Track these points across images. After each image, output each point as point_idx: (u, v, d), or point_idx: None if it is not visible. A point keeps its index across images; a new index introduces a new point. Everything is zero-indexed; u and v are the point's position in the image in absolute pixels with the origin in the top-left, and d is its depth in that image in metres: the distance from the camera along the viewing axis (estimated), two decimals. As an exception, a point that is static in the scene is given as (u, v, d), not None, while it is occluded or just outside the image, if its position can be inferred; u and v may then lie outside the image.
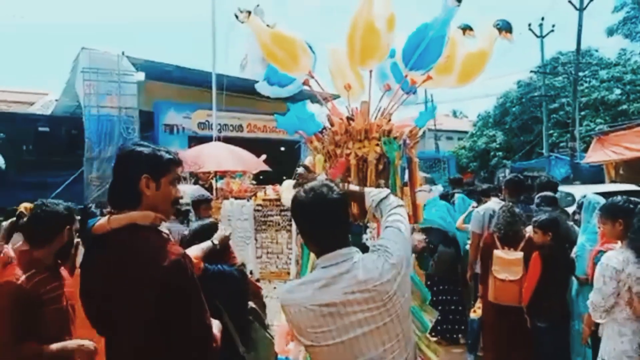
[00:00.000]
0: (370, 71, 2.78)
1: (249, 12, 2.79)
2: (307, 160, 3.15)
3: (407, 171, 2.89)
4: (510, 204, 5.22)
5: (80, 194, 13.15)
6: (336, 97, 3.58)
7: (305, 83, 2.91)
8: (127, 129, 13.98)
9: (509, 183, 6.12)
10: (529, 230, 4.82)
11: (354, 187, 2.29)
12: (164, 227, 2.07)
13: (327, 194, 1.89)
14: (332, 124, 2.84)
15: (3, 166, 11.06)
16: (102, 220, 1.98)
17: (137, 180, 1.93)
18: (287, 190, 3.26)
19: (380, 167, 2.69)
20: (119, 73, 13.97)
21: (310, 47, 2.86)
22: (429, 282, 6.14)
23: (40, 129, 14.61)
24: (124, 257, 1.88)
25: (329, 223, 1.89)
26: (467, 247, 6.19)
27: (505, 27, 2.76)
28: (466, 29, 2.80)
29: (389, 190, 2.19)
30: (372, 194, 2.17)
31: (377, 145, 2.68)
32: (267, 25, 2.85)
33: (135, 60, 14.41)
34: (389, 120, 2.80)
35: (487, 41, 2.77)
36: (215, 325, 2.08)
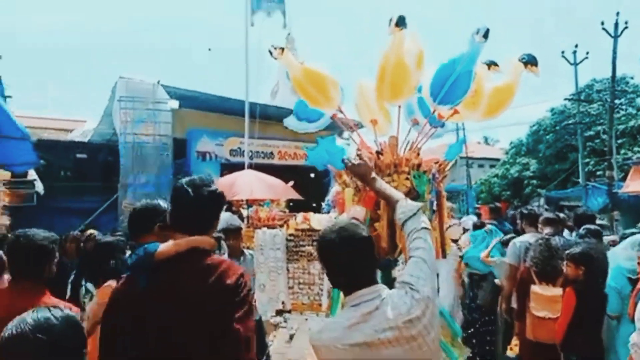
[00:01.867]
0: (399, 106, 2.78)
1: (282, 49, 2.84)
2: (334, 190, 3.15)
3: (435, 205, 2.84)
4: (547, 236, 5.07)
5: (115, 219, 13.40)
6: (361, 126, 3.58)
7: (333, 117, 2.92)
8: (160, 156, 14.25)
9: (544, 218, 5.97)
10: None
11: (390, 190, 2.28)
12: None
13: (354, 232, 1.92)
14: (361, 158, 2.84)
15: (42, 192, 11.36)
16: (166, 245, 2.13)
17: (217, 215, 2.25)
18: (319, 222, 3.26)
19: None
20: (154, 101, 14.32)
21: (338, 82, 2.88)
22: (475, 313, 6.04)
23: (78, 155, 15.03)
24: (198, 275, 2.05)
25: (356, 261, 1.91)
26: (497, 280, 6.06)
27: (530, 61, 2.74)
28: (491, 64, 2.80)
29: (419, 206, 2.17)
30: (402, 209, 2.17)
31: (407, 179, 2.66)
32: (281, 48, 2.91)
33: (169, 88, 14.76)
34: (418, 154, 2.79)
35: (513, 75, 2.75)
36: None
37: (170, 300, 2.02)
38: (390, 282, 2.82)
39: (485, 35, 2.48)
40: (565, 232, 6.44)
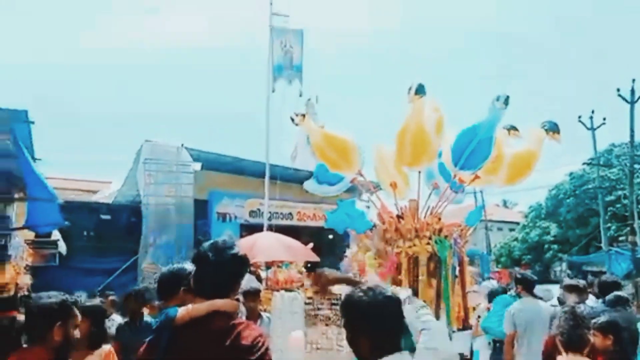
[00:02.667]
0: (419, 172, 2.86)
1: (303, 115, 2.98)
2: (349, 253, 3.18)
3: (457, 270, 2.86)
4: (573, 305, 4.99)
5: (134, 280, 13.43)
6: (380, 188, 3.65)
7: (353, 181, 3.01)
8: (181, 217, 14.43)
9: (568, 284, 5.89)
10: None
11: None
12: None
13: (383, 294, 1.91)
14: (382, 222, 2.89)
15: (64, 252, 11.51)
16: (184, 310, 2.18)
17: (240, 278, 2.26)
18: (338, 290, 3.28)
19: (432, 266, 2.69)
20: (177, 164, 14.67)
21: (358, 146, 2.97)
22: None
23: (102, 216, 15.28)
24: (216, 338, 2.08)
25: (383, 325, 1.89)
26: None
27: (552, 129, 2.82)
28: (511, 129, 2.87)
29: (409, 293, 2.20)
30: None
31: (428, 244, 2.70)
32: (302, 114, 3.03)
33: (193, 151, 15.15)
34: (439, 219, 2.83)
35: (535, 142, 2.81)
36: None
37: (197, 356, 2.07)
38: (410, 348, 2.81)
39: (506, 102, 2.57)
40: (591, 299, 6.32)
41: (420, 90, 2.70)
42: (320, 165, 3.06)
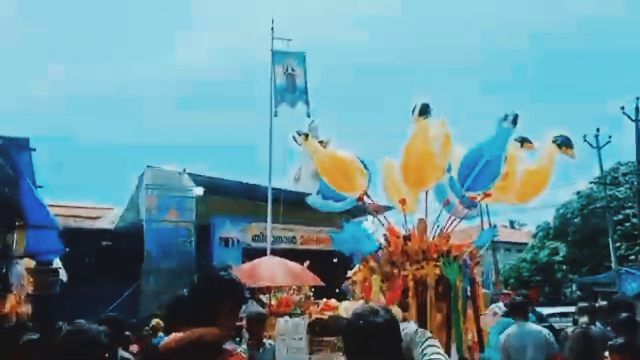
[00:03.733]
0: (427, 191, 2.76)
1: (306, 135, 2.89)
2: (353, 273, 3.08)
3: (468, 292, 2.72)
4: (584, 326, 4.84)
5: (137, 305, 13.29)
6: (389, 208, 3.54)
7: (360, 199, 2.91)
8: (184, 242, 14.34)
9: (580, 307, 5.75)
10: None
11: None
12: None
13: (372, 317, 1.83)
14: (388, 243, 2.78)
15: (65, 279, 11.39)
16: (169, 339, 2.16)
17: (220, 303, 2.16)
18: (345, 311, 3.17)
19: (440, 289, 2.57)
20: (179, 189, 14.64)
21: (365, 164, 2.88)
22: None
23: (104, 243, 15.21)
24: None
25: (372, 349, 1.79)
26: None
27: (565, 143, 2.70)
28: (524, 141, 2.75)
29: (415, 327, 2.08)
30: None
31: (436, 266, 2.58)
32: (321, 142, 2.94)
33: (194, 176, 15.15)
34: (448, 239, 2.71)
35: (547, 158, 2.70)
36: None
37: None
38: None
39: (514, 122, 2.48)
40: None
41: (424, 110, 2.59)
42: (324, 180, 2.97)
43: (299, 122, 13.80)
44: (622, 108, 19.73)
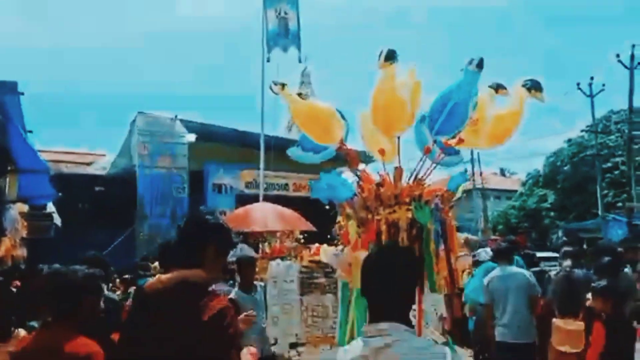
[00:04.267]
0: (398, 137, 2.77)
1: (283, 85, 2.89)
2: (338, 221, 3.14)
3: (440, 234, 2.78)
4: (567, 270, 5.00)
5: (132, 251, 13.47)
6: (369, 158, 3.57)
7: (339, 149, 2.92)
8: (177, 189, 14.40)
9: (565, 251, 5.92)
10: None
11: None
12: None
13: (394, 254, 1.88)
14: (362, 190, 2.84)
15: (59, 224, 11.48)
16: (155, 280, 2.19)
17: (206, 247, 2.18)
18: (325, 255, 3.25)
19: (414, 232, 2.64)
20: (172, 135, 14.57)
21: (342, 114, 2.87)
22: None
23: (97, 188, 15.23)
24: (178, 308, 2.05)
25: (384, 285, 1.80)
26: None
27: (534, 87, 2.70)
28: (498, 88, 2.75)
29: None
30: None
31: (409, 210, 2.64)
32: (300, 94, 2.94)
33: (187, 122, 15.03)
34: (420, 184, 2.76)
35: (517, 102, 2.71)
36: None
37: (153, 334, 2.04)
38: None
39: (479, 65, 2.47)
40: None
41: (390, 56, 2.56)
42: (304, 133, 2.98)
43: (292, 68, 13.63)
44: (618, 56, 19.58)
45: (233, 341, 2.09)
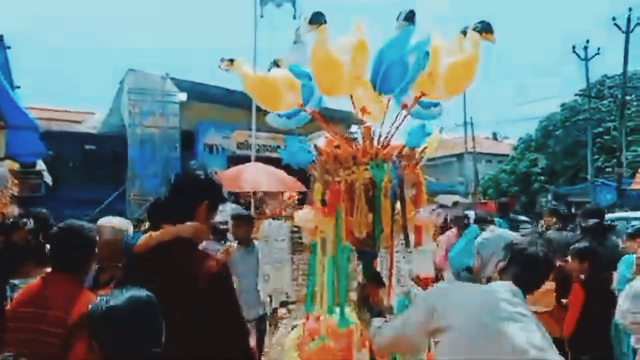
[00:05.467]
0: (351, 96, 2.74)
1: (231, 60, 2.83)
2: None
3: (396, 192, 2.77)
4: (540, 232, 5.07)
5: (123, 210, 13.47)
6: (345, 121, 3.53)
7: (313, 114, 2.90)
8: (168, 148, 14.31)
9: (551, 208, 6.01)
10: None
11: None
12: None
13: None
14: (320, 152, 2.84)
15: (50, 182, 11.43)
16: (145, 236, 2.18)
17: (197, 203, 2.18)
18: (298, 218, 3.27)
19: (371, 192, 2.65)
20: (162, 94, 14.37)
21: (306, 74, 2.80)
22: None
23: (87, 146, 15.10)
24: (169, 264, 2.07)
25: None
26: None
27: (484, 29, 2.65)
28: (466, 32, 2.70)
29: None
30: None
31: (366, 170, 2.64)
32: (276, 62, 2.91)
33: (178, 81, 14.81)
34: (387, 143, 2.74)
35: (471, 47, 2.67)
36: None
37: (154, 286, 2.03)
38: (372, 275, 2.80)
39: (408, 19, 2.41)
40: None
41: (315, 19, 2.50)
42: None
43: (286, 25, 13.37)
44: (614, 19, 19.37)
45: (230, 302, 2.09)
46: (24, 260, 2.69)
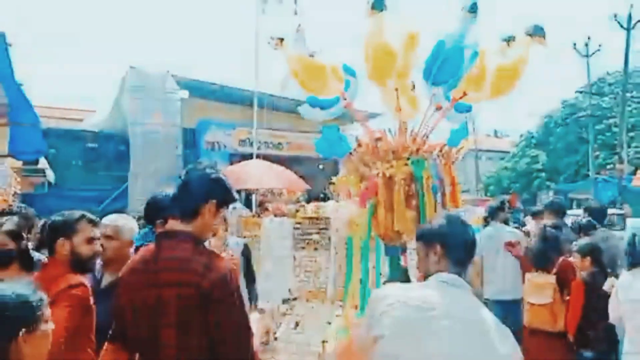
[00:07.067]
0: (397, 89, 2.73)
1: (281, 39, 2.83)
2: (336, 179, 3.14)
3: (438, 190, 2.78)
4: (548, 227, 5.08)
5: (125, 207, 13.48)
6: (375, 115, 3.52)
7: (347, 106, 2.89)
8: (170, 146, 14.30)
9: (552, 205, 6.03)
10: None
11: None
12: None
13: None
14: (359, 145, 2.83)
15: (53, 180, 11.44)
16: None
17: (207, 201, 2.14)
18: (325, 210, 3.26)
19: (411, 187, 2.65)
20: (164, 91, 14.36)
21: (350, 70, 2.81)
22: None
23: (89, 144, 15.11)
24: (171, 261, 2.06)
25: None
26: None
27: (537, 32, 2.64)
28: (510, 40, 2.71)
29: None
30: None
31: (406, 165, 2.63)
32: (311, 55, 2.90)
33: (179, 78, 14.80)
34: (414, 139, 2.74)
35: (521, 51, 2.67)
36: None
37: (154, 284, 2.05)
38: (399, 270, 2.81)
39: (472, 10, 2.41)
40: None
41: (378, 5, 2.50)
42: (312, 89, 2.94)
43: (288, 21, 13.34)
44: (615, 16, 19.31)
45: (240, 304, 2.06)
46: (6, 264, 2.68)
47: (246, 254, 4.84)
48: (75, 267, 2.66)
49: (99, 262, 3.03)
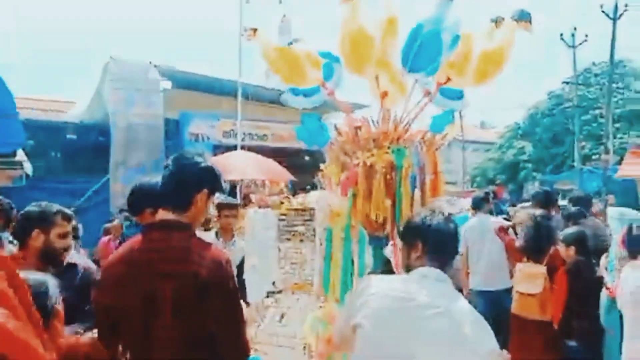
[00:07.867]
0: (377, 76, 2.64)
1: (254, 30, 2.76)
2: (324, 167, 3.07)
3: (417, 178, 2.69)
4: (539, 216, 5.05)
5: (106, 200, 13.28)
6: (360, 105, 3.42)
7: (330, 94, 2.79)
8: (152, 137, 14.07)
9: (539, 196, 6.01)
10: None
11: None
12: None
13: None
14: (339, 133, 2.75)
15: (30, 173, 11.18)
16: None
17: (198, 190, 2.12)
18: (309, 199, 3.20)
19: (391, 175, 2.57)
20: (146, 82, 14.10)
21: (333, 57, 2.71)
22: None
23: (69, 136, 14.82)
24: (166, 251, 2.02)
25: None
26: None
27: (523, 17, 2.56)
28: (497, 20, 2.63)
29: None
30: None
31: (387, 153, 2.56)
32: (290, 43, 2.81)
33: (162, 69, 14.56)
34: (407, 128, 2.65)
35: (506, 35, 2.57)
36: None
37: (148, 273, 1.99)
38: (382, 261, 2.73)
39: None
40: None
41: None
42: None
43: (272, 10, 13.18)
44: (601, 6, 19.36)
45: (236, 292, 2.04)
46: None
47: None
48: (45, 259, 2.66)
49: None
